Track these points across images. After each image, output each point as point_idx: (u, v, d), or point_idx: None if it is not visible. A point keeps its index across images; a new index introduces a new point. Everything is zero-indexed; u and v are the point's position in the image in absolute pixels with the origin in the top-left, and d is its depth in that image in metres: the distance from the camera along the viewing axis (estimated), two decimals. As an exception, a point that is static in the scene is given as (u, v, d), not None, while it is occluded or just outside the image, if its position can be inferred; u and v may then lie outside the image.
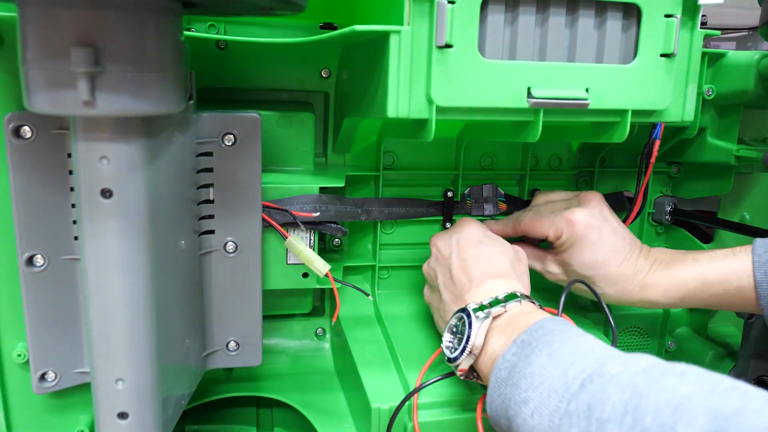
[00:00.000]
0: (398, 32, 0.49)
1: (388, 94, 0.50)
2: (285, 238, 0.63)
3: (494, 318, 0.52)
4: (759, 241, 0.60)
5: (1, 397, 0.59)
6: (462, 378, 0.54)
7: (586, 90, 0.53)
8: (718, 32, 0.62)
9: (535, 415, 0.42)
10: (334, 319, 0.73)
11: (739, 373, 0.77)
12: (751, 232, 0.75)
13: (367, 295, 0.70)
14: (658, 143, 0.71)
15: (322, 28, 0.68)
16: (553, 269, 0.69)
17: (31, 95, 0.42)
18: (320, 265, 0.63)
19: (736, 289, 0.60)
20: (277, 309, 0.73)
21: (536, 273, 0.70)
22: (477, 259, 0.59)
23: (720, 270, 0.61)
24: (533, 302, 0.54)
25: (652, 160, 0.72)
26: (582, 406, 0.39)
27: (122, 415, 0.49)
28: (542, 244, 0.73)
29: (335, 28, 0.67)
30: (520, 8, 0.51)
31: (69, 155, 0.51)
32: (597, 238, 0.64)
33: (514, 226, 0.71)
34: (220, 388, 0.69)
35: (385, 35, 0.49)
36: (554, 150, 0.79)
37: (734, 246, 0.63)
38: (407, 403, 0.59)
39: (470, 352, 0.51)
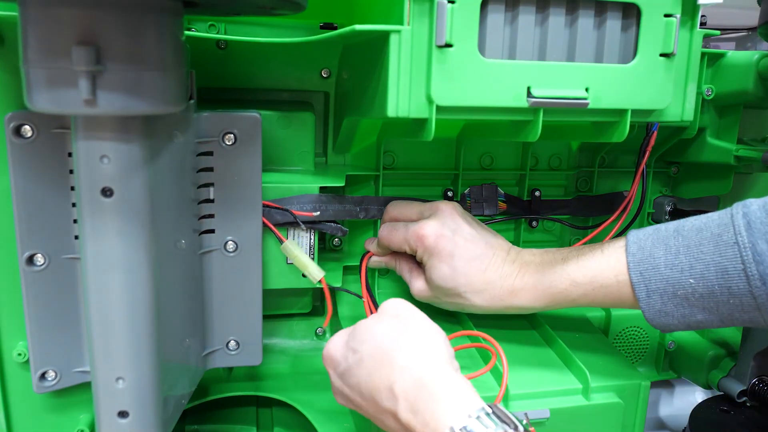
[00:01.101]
0: (398, 32, 0.49)
1: (388, 93, 0.50)
2: (281, 242, 0.63)
3: None
4: (631, 237, 0.58)
5: (1, 396, 0.59)
6: None
7: (586, 90, 0.53)
8: (718, 32, 0.62)
9: None
10: (325, 324, 0.74)
11: (739, 373, 0.77)
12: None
13: (360, 297, 0.70)
14: (655, 134, 0.71)
15: (322, 28, 0.68)
16: (418, 285, 0.66)
17: (32, 94, 0.42)
18: (314, 271, 0.63)
19: (605, 288, 0.58)
20: (277, 308, 0.73)
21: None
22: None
23: (589, 270, 0.59)
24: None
25: (647, 154, 0.72)
26: None
27: (122, 414, 0.49)
28: None
29: (335, 28, 0.67)
30: (519, 8, 0.51)
31: (70, 154, 0.51)
32: (452, 248, 0.61)
33: (378, 242, 0.69)
34: (220, 387, 0.69)
35: (385, 35, 0.49)
36: (554, 150, 0.79)
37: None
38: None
39: None
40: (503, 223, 0.79)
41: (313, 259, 0.66)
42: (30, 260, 0.53)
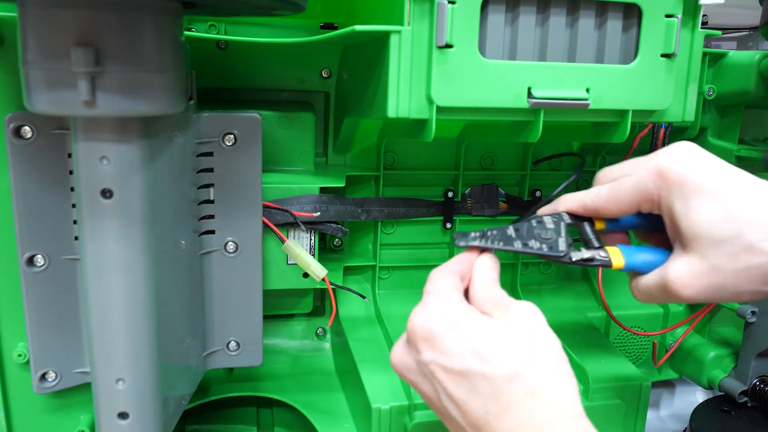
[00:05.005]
0: (398, 32, 0.49)
1: (388, 94, 0.50)
2: (283, 241, 0.63)
3: None
4: None
5: (1, 397, 0.59)
6: None
7: (587, 90, 0.52)
8: (719, 32, 0.62)
9: None
10: (329, 323, 0.74)
11: (740, 374, 0.77)
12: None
13: (364, 297, 0.70)
14: (662, 132, 0.71)
15: (322, 28, 0.68)
16: (679, 267, 0.42)
17: (31, 95, 0.42)
18: (317, 270, 0.63)
19: None
20: (278, 309, 0.73)
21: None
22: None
23: None
24: None
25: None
26: None
27: (122, 415, 0.49)
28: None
29: (335, 28, 0.67)
30: (520, 8, 0.51)
31: (69, 155, 0.51)
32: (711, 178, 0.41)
33: (581, 206, 0.48)
34: (221, 387, 0.69)
35: (386, 35, 0.49)
36: (555, 150, 0.79)
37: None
38: (407, 404, 0.59)
39: None
40: (504, 223, 0.78)
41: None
42: (30, 261, 0.53)
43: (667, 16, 0.53)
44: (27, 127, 0.50)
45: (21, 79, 0.42)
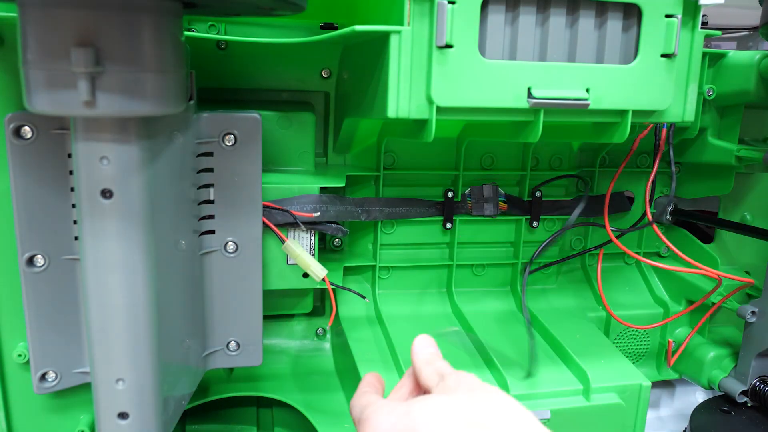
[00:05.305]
0: (398, 32, 0.49)
1: (388, 94, 0.50)
2: (283, 241, 0.63)
3: None
4: None
5: (1, 397, 0.59)
6: None
7: (587, 90, 0.52)
8: (719, 32, 0.62)
9: None
10: (329, 323, 0.74)
11: (739, 374, 0.77)
12: (752, 232, 0.74)
13: (363, 297, 0.70)
14: (664, 132, 0.72)
15: (322, 28, 0.68)
16: None
17: (31, 95, 0.42)
18: (317, 270, 0.63)
19: None
20: (278, 309, 0.73)
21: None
22: None
23: None
24: None
25: (659, 155, 0.72)
26: None
27: (123, 416, 0.49)
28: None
29: (336, 28, 0.67)
30: (520, 8, 0.51)
31: (69, 155, 0.51)
32: None
33: None
34: (221, 387, 0.69)
35: (386, 35, 0.49)
36: (555, 150, 0.79)
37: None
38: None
39: None
40: (504, 223, 0.78)
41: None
42: (30, 261, 0.53)
43: (667, 16, 0.53)
44: (27, 127, 0.50)
45: (21, 79, 0.42)
